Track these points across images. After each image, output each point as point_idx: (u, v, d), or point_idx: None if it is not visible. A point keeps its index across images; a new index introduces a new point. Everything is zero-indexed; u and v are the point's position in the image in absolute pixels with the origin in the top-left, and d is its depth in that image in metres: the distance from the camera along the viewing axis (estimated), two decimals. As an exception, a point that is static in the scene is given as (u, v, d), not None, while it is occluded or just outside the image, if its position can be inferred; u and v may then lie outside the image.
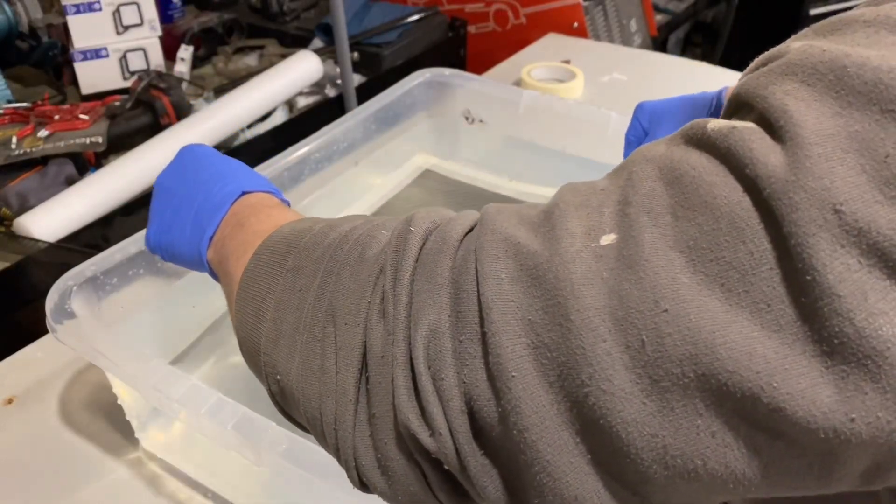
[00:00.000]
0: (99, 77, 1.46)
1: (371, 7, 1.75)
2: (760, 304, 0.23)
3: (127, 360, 0.57)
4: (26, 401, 0.72)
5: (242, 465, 0.63)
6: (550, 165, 0.99)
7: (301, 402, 0.34)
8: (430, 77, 0.96)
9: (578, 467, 0.27)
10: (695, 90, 0.62)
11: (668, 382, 0.24)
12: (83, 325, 0.60)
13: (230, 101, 1.37)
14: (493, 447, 0.29)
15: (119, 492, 0.64)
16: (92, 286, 0.64)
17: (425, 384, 0.29)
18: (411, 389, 0.29)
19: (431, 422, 0.29)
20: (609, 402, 0.25)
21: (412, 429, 0.29)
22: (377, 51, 1.62)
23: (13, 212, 1.12)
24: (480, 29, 1.86)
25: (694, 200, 0.25)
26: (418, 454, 0.30)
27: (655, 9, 2.16)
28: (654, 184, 0.27)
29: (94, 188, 1.15)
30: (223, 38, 1.66)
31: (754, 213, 0.24)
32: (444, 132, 1.04)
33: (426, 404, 0.29)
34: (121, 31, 1.46)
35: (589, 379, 0.25)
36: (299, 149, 0.82)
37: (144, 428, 0.67)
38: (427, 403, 0.29)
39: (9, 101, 1.35)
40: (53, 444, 0.68)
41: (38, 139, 1.22)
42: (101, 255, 0.66)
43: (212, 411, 0.52)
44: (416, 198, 1.01)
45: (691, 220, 0.25)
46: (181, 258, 0.50)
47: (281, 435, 0.50)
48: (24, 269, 1.04)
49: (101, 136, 1.24)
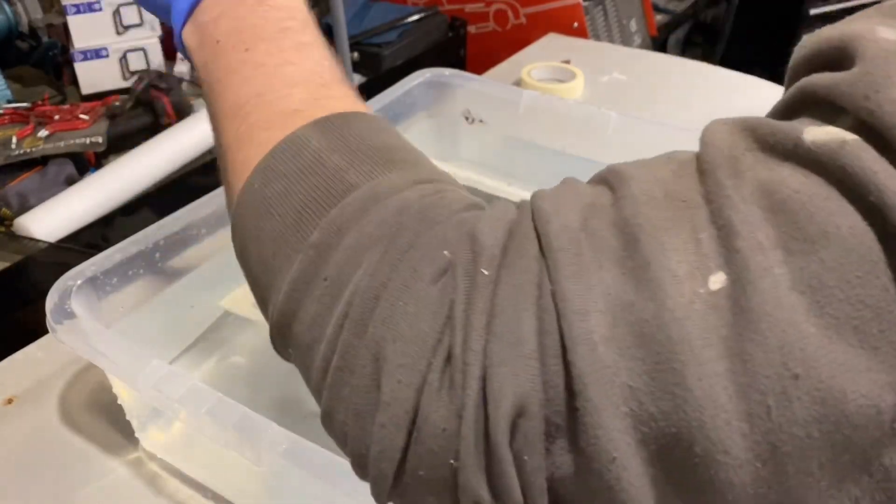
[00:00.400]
0: (99, 77, 1.46)
1: (371, 7, 1.75)
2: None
3: (127, 359, 0.57)
4: (26, 401, 0.72)
5: (243, 465, 0.63)
6: (550, 165, 0.99)
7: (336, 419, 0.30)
8: (430, 77, 0.96)
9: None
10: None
11: (790, 447, 0.22)
12: (83, 324, 0.60)
13: (230, 101, 1.36)
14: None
15: (119, 492, 0.64)
16: (92, 286, 0.64)
17: (506, 469, 0.25)
18: (482, 469, 0.26)
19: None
20: (720, 471, 0.23)
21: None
22: (377, 51, 1.62)
23: (13, 212, 1.12)
24: (480, 29, 1.86)
25: (810, 231, 0.22)
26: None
27: (655, 9, 2.16)
28: (752, 209, 0.23)
29: (95, 188, 1.15)
30: (223, 39, 1.66)
31: (881, 244, 0.21)
32: (444, 132, 1.04)
33: (505, 489, 0.25)
34: (121, 31, 1.46)
35: (703, 451, 0.23)
36: (299, 149, 0.82)
37: (144, 428, 0.67)
38: (506, 488, 0.25)
39: (9, 101, 1.35)
40: (53, 444, 0.68)
41: (38, 139, 1.22)
42: (102, 255, 0.66)
43: (212, 411, 0.52)
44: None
45: (810, 254, 0.22)
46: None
47: (281, 435, 0.50)
48: (24, 269, 1.04)
49: (102, 136, 1.24)
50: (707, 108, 0.57)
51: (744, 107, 0.59)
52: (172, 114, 1.33)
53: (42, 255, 1.05)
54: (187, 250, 0.71)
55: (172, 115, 1.33)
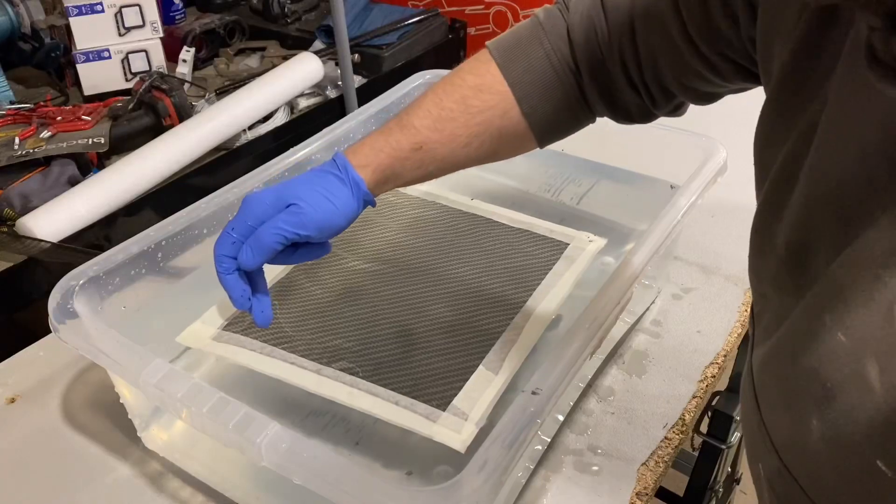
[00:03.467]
0: (101, 78, 1.47)
1: (372, 9, 1.75)
2: None
3: (129, 359, 0.57)
4: (29, 400, 0.73)
5: (244, 464, 0.63)
6: (550, 165, 1.00)
7: None
8: (431, 78, 0.97)
9: None
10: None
11: None
12: (85, 324, 0.60)
13: (232, 102, 1.37)
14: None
15: (121, 490, 0.64)
16: (94, 286, 0.65)
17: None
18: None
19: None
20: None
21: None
22: (378, 52, 1.62)
23: (16, 212, 1.12)
24: (480, 30, 1.87)
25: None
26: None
27: (656, 10, 2.16)
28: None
29: (97, 189, 1.16)
30: (225, 40, 1.67)
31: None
32: (444, 133, 1.04)
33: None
34: (123, 32, 1.47)
35: None
36: (301, 150, 0.82)
37: (146, 427, 0.68)
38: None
39: (11, 102, 1.36)
40: (56, 443, 0.68)
41: (40, 140, 1.22)
42: (104, 255, 0.67)
43: (213, 410, 0.53)
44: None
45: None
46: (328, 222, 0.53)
47: (282, 434, 0.51)
48: (27, 269, 1.04)
49: (104, 137, 1.25)
50: (706, 108, 0.57)
51: (743, 106, 0.60)
52: (174, 115, 1.34)
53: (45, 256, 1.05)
54: (189, 250, 0.71)
55: (174, 116, 1.34)
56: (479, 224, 0.87)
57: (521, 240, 0.84)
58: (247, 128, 1.40)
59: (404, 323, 0.72)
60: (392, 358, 0.68)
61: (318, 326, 0.72)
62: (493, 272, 0.79)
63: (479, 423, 0.60)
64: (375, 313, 0.73)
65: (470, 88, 0.55)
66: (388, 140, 0.55)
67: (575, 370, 0.55)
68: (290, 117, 1.49)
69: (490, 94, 0.55)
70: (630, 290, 0.62)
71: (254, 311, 0.55)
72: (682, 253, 0.90)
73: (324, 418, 0.68)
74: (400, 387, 0.64)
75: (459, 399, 0.63)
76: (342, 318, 0.73)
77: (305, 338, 0.70)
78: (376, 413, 0.62)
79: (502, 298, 0.74)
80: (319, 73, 1.51)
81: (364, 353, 0.68)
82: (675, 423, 0.69)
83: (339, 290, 0.76)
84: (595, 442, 0.68)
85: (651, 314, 0.82)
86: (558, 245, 0.82)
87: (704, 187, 0.73)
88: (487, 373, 0.66)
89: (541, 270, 0.78)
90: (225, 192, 0.75)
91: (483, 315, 0.73)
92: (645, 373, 0.75)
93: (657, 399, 0.72)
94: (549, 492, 0.63)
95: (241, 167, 1.12)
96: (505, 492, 0.60)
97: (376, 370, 0.66)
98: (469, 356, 0.67)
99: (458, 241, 0.84)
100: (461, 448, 0.58)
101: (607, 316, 0.59)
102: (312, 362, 0.67)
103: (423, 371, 0.66)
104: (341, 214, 0.53)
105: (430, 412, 0.61)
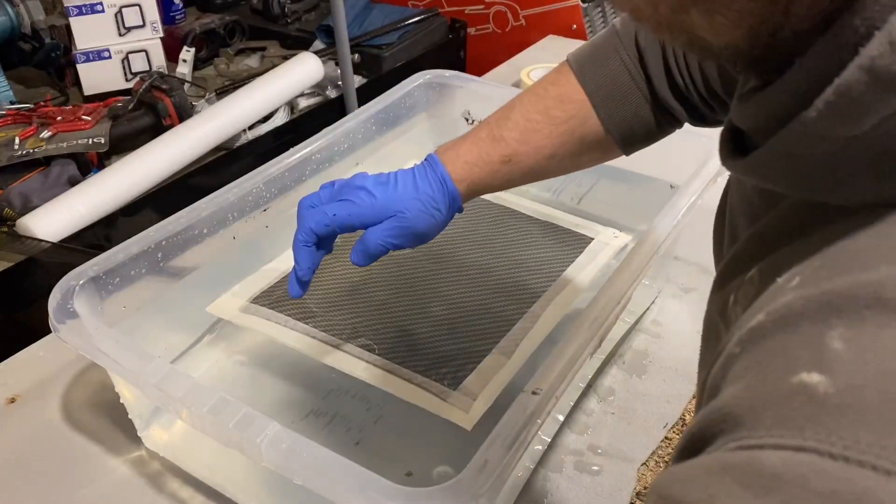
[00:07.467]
0: (101, 78, 1.47)
1: (372, 9, 1.75)
2: None
3: (129, 359, 0.57)
4: (29, 400, 0.73)
5: (244, 464, 0.63)
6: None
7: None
8: (431, 78, 0.97)
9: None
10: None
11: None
12: (86, 324, 0.60)
13: (232, 102, 1.37)
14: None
15: (121, 490, 0.64)
16: (94, 286, 0.65)
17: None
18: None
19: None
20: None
21: None
22: (378, 52, 1.63)
23: (16, 212, 1.12)
24: (480, 31, 1.87)
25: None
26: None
27: (656, 10, 2.16)
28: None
29: (97, 189, 1.16)
30: (225, 40, 1.67)
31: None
32: (444, 133, 1.04)
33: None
34: (123, 32, 1.47)
35: None
36: (301, 150, 0.82)
37: (146, 427, 0.68)
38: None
39: (11, 102, 1.36)
40: (56, 443, 0.68)
41: (40, 140, 1.22)
42: (104, 255, 0.67)
43: (214, 410, 0.53)
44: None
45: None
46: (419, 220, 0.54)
47: (282, 434, 0.51)
48: (27, 268, 1.04)
49: (104, 137, 1.25)
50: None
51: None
52: (174, 115, 1.34)
53: (45, 255, 1.05)
54: (189, 250, 0.71)
55: (174, 116, 1.34)
56: (505, 214, 0.88)
57: (545, 232, 0.85)
58: (247, 128, 1.40)
59: (424, 305, 0.74)
60: (410, 338, 0.70)
61: (342, 305, 0.74)
62: (516, 262, 0.80)
63: (487, 404, 0.62)
64: (397, 295, 0.76)
65: (552, 99, 0.56)
66: (481, 154, 0.56)
67: (575, 370, 0.55)
68: (291, 117, 1.49)
69: (570, 104, 0.55)
70: (630, 291, 0.62)
71: (296, 283, 0.58)
72: (682, 253, 0.90)
73: (324, 418, 0.69)
74: (415, 366, 0.66)
75: (470, 380, 0.64)
76: (365, 298, 0.75)
77: (328, 315, 0.72)
78: (389, 389, 0.64)
79: (522, 287, 0.76)
80: (319, 73, 1.51)
81: (383, 331, 0.71)
82: (675, 423, 0.69)
83: (363, 272, 0.78)
84: (595, 442, 0.68)
85: (651, 314, 0.82)
86: (582, 239, 0.84)
87: (704, 187, 0.73)
88: (500, 357, 0.67)
89: (563, 263, 0.80)
90: (225, 192, 0.75)
91: (502, 302, 0.74)
92: (645, 373, 0.75)
93: (657, 399, 0.72)
94: (549, 492, 0.63)
95: (241, 167, 1.11)
96: (505, 492, 0.60)
97: (393, 348, 0.68)
98: (484, 340, 0.69)
99: (483, 230, 0.85)
100: (468, 426, 0.60)
101: (607, 316, 0.59)
102: (333, 337, 0.69)
103: (438, 352, 0.68)
104: (438, 226, 0.56)
105: (442, 391, 0.63)
